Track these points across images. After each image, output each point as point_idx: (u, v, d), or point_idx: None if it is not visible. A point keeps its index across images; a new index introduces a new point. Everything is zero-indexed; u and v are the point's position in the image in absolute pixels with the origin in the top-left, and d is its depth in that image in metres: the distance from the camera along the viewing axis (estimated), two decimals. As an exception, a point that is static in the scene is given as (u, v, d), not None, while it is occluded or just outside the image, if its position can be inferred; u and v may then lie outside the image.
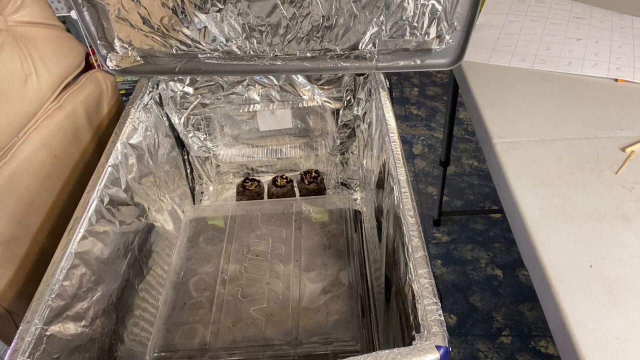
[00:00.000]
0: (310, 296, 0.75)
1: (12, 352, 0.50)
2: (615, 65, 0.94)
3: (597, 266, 0.60)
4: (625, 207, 0.67)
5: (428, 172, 1.88)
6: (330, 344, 0.69)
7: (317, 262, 0.79)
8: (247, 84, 0.95)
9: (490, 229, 1.65)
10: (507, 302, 1.43)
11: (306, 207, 0.89)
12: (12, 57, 0.67)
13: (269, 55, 0.82)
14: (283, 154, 1.08)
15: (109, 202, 0.69)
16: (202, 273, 0.80)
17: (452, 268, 1.53)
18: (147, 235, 0.81)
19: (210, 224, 0.88)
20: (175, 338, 0.72)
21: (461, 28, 0.78)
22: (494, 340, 1.34)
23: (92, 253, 0.64)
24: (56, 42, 0.75)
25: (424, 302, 0.49)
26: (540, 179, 0.71)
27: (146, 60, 0.82)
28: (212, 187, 1.10)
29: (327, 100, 0.98)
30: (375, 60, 0.82)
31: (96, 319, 0.64)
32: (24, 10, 0.71)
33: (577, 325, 0.54)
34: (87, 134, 0.79)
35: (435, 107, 2.22)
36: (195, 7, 0.76)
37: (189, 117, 0.98)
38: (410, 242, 0.55)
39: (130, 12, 0.77)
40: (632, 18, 1.09)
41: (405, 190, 0.62)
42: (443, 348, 0.44)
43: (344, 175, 1.10)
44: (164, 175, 0.89)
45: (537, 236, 0.63)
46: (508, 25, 1.09)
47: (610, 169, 0.73)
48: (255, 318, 0.73)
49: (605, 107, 0.85)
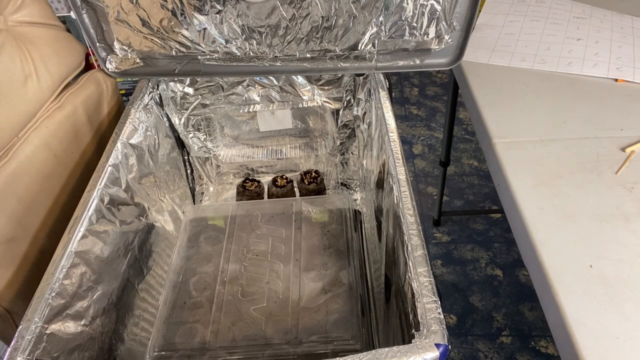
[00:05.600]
0: (310, 295, 0.75)
1: (12, 350, 0.50)
2: (615, 65, 0.94)
3: (597, 266, 0.60)
4: (625, 207, 0.67)
5: (428, 172, 1.88)
6: (330, 343, 0.69)
7: (317, 261, 0.79)
8: (247, 84, 0.95)
9: (490, 229, 1.65)
10: (507, 302, 1.43)
11: (306, 207, 0.89)
12: (12, 57, 0.67)
13: (269, 56, 0.82)
14: (283, 155, 1.08)
15: (109, 201, 0.69)
16: (202, 273, 0.80)
17: (452, 268, 1.53)
18: (147, 235, 0.81)
19: (210, 224, 0.88)
20: (175, 337, 0.72)
21: (460, 28, 0.78)
22: (494, 340, 1.34)
23: (93, 252, 0.65)
24: (56, 42, 0.75)
25: (424, 300, 0.49)
26: (540, 179, 0.71)
27: (146, 62, 0.82)
28: (212, 187, 1.10)
29: (327, 101, 0.98)
30: (375, 60, 0.82)
31: (96, 318, 0.64)
32: (24, 10, 0.71)
33: (577, 325, 0.54)
34: (88, 134, 0.80)
35: (435, 107, 2.22)
36: (194, 9, 0.76)
37: (189, 118, 0.98)
38: (410, 241, 0.55)
39: (129, 14, 0.77)
40: (632, 18, 1.09)
41: (405, 189, 0.62)
42: (442, 346, 0.44)
43: (344, 175, 1.10)
44: (164, 176, 0.89)
45: (537, 236, 0.63)
46: (508, 25, 1.09)
47: (610, 169, 0.73)
48: (255, 317, 0.73)
49: (605, 107, 0.85)
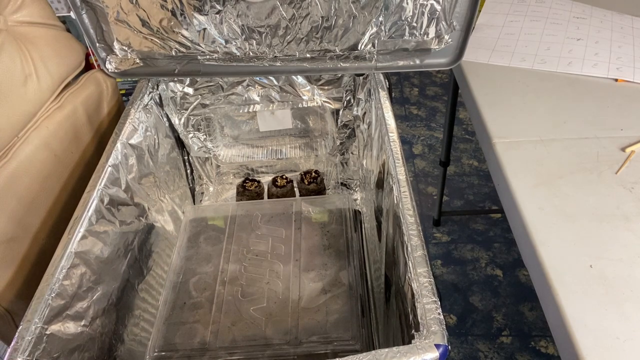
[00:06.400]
0: (310, 296, 0.75)
1: (12, 350, 0.50)
2: (615, 65, 0.94)
3: (597, 266, 0.60)
4: (625, 207, 0.67)
5: (428, 172, 1.88)
6: (329, 344, 0.69)
7: (316, 261, 0.79)
8: (247, 84, 0.95)
9: (490, 229, 1.65)
10: (507, 302, 1.43)
11: (306, 207, 0.89)
12: (12, 57, 0.67)
13: (269, 57, 0.82)
14: (283, 155, 1.08)
15: (109, 202, 0.69)
16: (202, 273, 0.80)
17: (452, 268, 1.53)
18: (147, 235, 0.81)
19: (210, 224, 0.88)
20: (175, 338, 0.72)
21: (460, 28, 0.78)
22: (494, 340, 1.34)
23: (92, 253, 0.65)
24: (56, 42, 0.75)
25: (423, 300, 0.49)
26: (540, 179, 0.71)
27: (146, 62, 0.82)
28: (212, 187, 1.10)
29: (326, 101, 0.98)
30: (375, 60, 0.82)
31: (96, 318, 0.64)
32: (24, 10, 0.71)
33: (577, 325, 0.54)
34: (87, 134, 0.80)
35: (435, 107, 2.22)
36: (194, 9, 0.76)
37: (189, 118, 0.98)
38: (410, 241, 0.55)
39: (129, 15, 0.77)
40: (632, 18, 1.09)
41: (405, 189, 0.62)
42: (442, 346, 0.44)
43: (344, 175, 1.10)
44: (164, 176, 0.89)
45: (537, 236, 0.63)
46: (508, 25, 1.09)
47: (610, 169, 0.73)
48: (255, 318, 0.73)
49: (605, 107, 0.85)
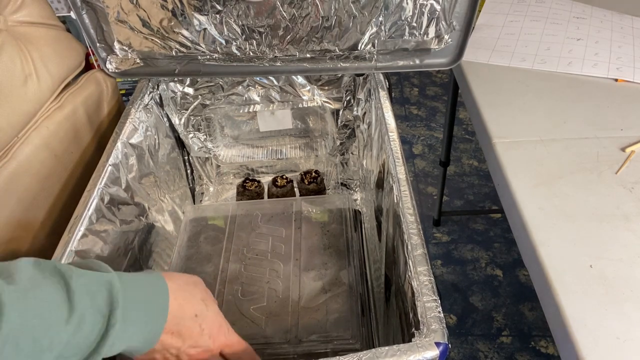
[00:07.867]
0: (310, 295, 0.75)
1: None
2: (615, 65, 0.94)
3: (597, 266, 0.60)
4: (625, 207, 0.67)
5: (428, 172, 1.88)
6: (329, 342, 0.69)
7: (316, 261, 0.79)
8: (247, 84, 0.95)
9: (490, 229, 1.65)
10: (507, 302, 1.43)
11: (306, 207, 0.89)
12: (12, 57, 0.67)
13: (269, 57, 0.82)
14: (283, 155, 1.08)
15: (109, 201, 0.69)
16: (202, 272, 0.80)
17: (452, 268, 1.53)
18: (147, 235, 0.81)
19: (210, 224, 0.88)
20: (175, 338, 0.72)
21: (460, 28, 0.78)
22: (494, 340, 1.34)
23: (93, 252, 0.65)
24: (56, 42, 0.75)
25: (424, 299, 0.49)
26: (540, 179, 0.72)
27: (146, 63, 0.82)
28: (212, 187, 1.10)
29: (326, 101, 0.98)
30: (375, 60, 0.82)
31: (96, 318, 0.64)
32: (24, 10, 0.71)
33: (577, 325, 0.54)
34: (88, 134, 0.80)
35: (435, 107, 2.23)
36: (194, 9, 0.76)
37: (189, 118, 0.98)
38: (410, 240, 0.55)
39: (129, 15, 0.77)
40: (632, 18, 1.09)
41: (405, 188, 0.62)
42: (442, 345, 0.44)
43: (344, 175, 1.10)
44: (165, 176, 0.89)
45: (537, 236, 0.63)
46: (508, 25, 1.09)
47: (610, 169, 0.73)
48: (255, 317, 0.73)
49: (605, 107, 0.85)
